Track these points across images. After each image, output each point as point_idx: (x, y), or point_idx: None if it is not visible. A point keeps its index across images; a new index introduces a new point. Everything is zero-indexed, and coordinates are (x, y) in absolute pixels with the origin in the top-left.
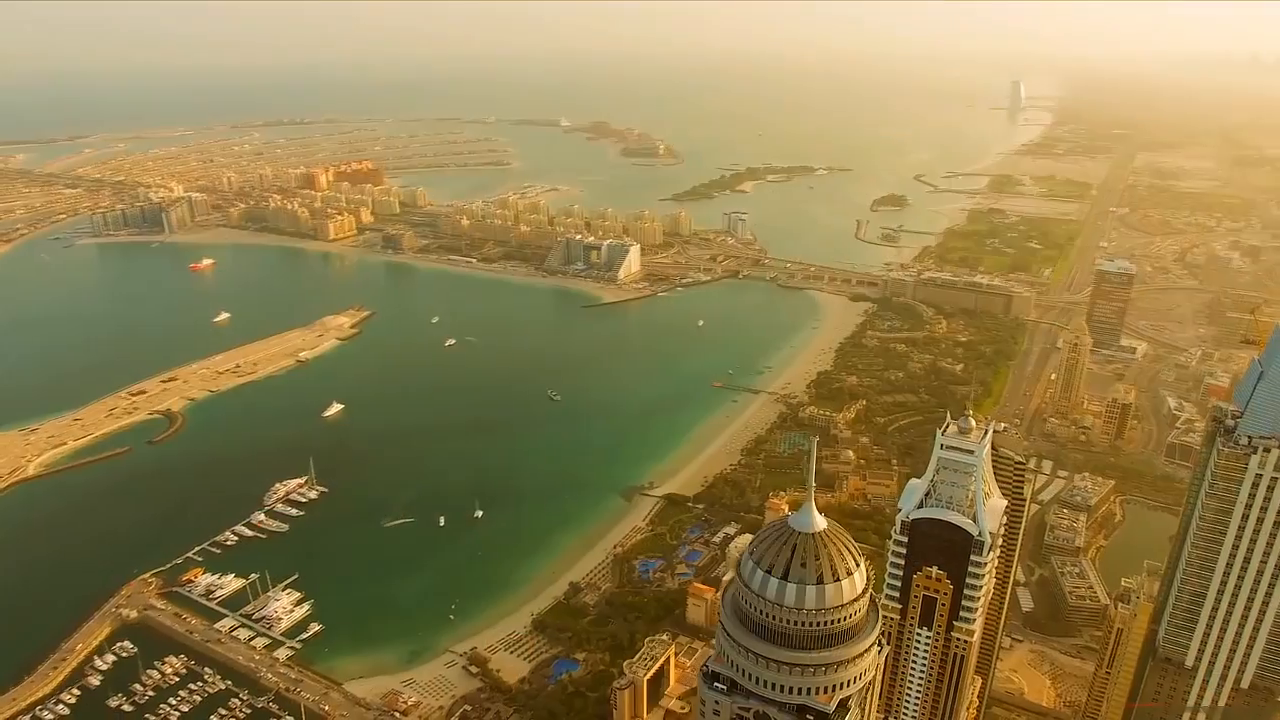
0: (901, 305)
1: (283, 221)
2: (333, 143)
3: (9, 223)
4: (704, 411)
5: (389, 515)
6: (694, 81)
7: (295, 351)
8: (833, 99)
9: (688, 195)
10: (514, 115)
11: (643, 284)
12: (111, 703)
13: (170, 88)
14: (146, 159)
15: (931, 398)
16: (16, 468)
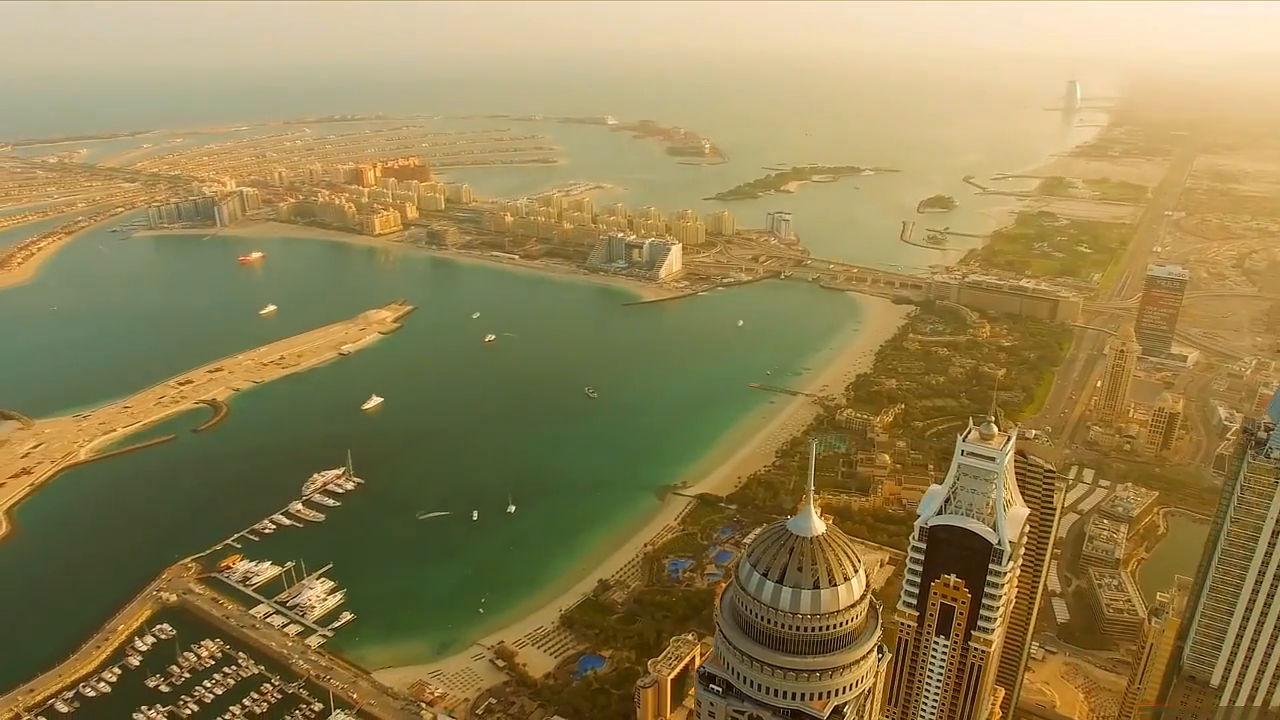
0: (945, 308)
1: (330, 216)
2: (382, 139)
3: (71, 215)
4: (740, 412)
5: (423, 508)
6: (743, 81)
7: (338, 345)
8: (883, 100)
9: (732, 195)
10: (561, 113)
11: (683, 283)
12: (150, 683)
13: (227, 86)
14: (202, 154)
15: (972, 403)
16: (69, 452)
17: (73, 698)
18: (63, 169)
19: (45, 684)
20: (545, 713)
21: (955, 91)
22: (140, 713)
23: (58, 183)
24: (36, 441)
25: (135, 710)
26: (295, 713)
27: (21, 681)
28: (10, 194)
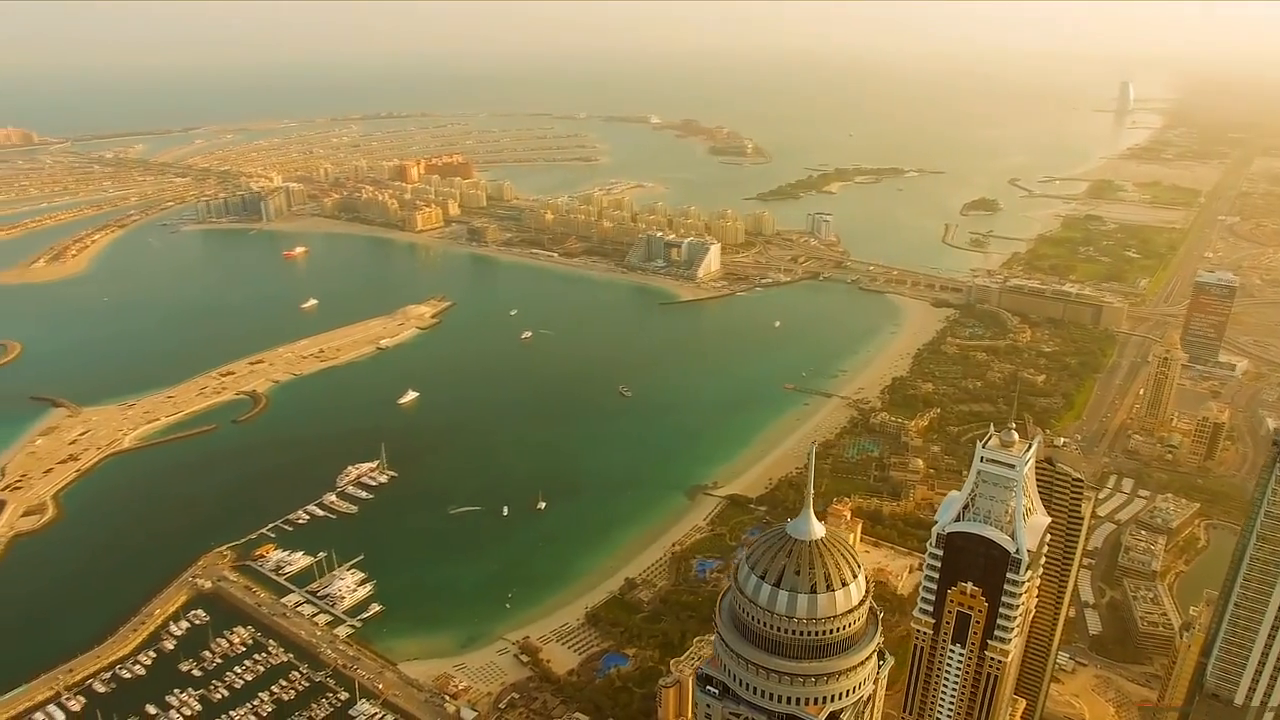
0: (985, 312)
1: (373, 212)
2: (426, 136)
3: (124, 209)
4: (774, 413)
5: (455, 502)
6: (789, 81)
7: (376, 339)
8: (929, 101)
9: (773, 195)
10: (605, 112)
11: (721, 283)
12: (183, 667)
13: (278, 84)
14: (251, 149)
15: (1009, 409)
16: (114, 440)
17: (110, 678)
18: (118, 164)
19: (84, 664)
20: (567, 709)
21: (1003, 92)
22: (173, 695)
23: (113, 177)
24: (84, 429)
25: (168, 693)
26: (322, 701)
27: (62, 661)
28: (68, 188)
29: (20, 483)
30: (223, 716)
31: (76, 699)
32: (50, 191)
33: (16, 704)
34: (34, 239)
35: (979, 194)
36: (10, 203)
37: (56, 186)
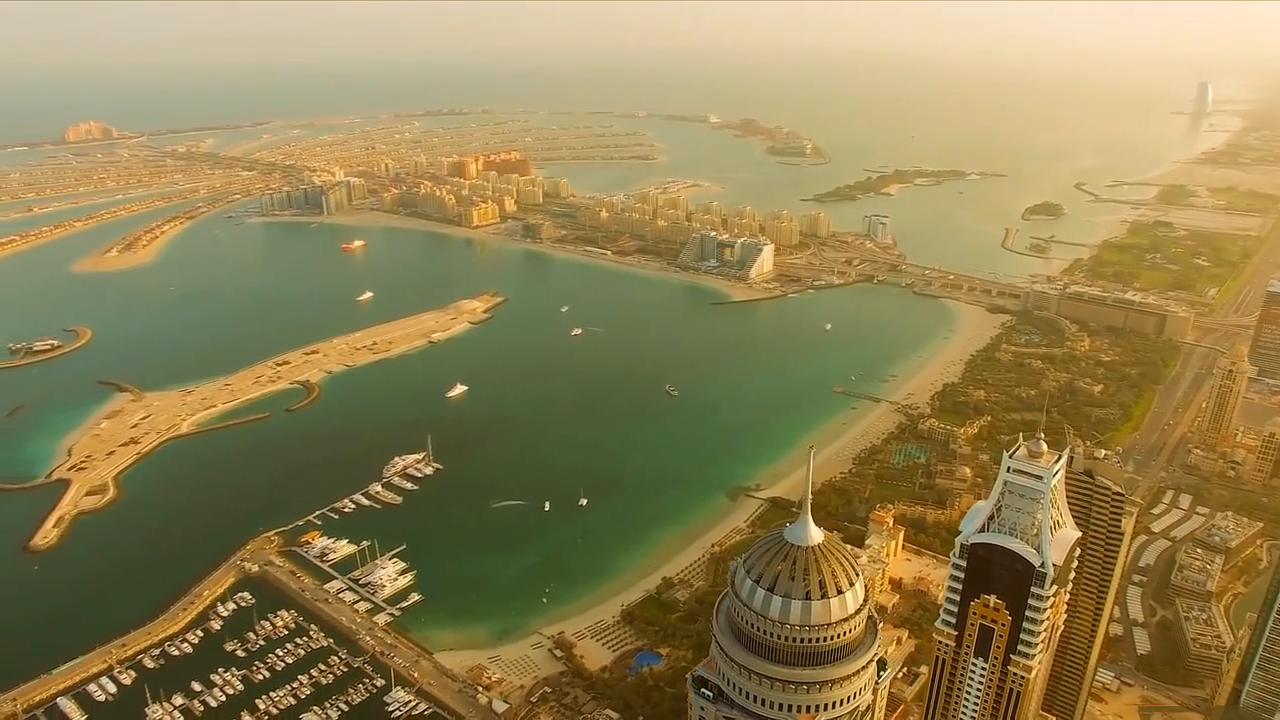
0: (1043, 319)
1: (431, 207)
2: (486, 133)
3: (193, 201)
4: (821, 416)
5: (498, 496)
6: (851, 81)
7: (429, 332)
8: (995, 102)
9: (830, 196)
10: (664, 110)
11: (774, 284)
12: (228, 647)
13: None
14: (315, 144)
15: (1064, 419)
16: (173, 425)
17: (159, 654)
18: (189, 158)
19: (136, 640)
20: (598, 705)
21: (1075, 94)
22: (217, 674)
23: (184, 170)
24: (145, 413)
25: (212, 671)
26: (358, 686)
27: (116, 636)
28: (142, 180)
29: (85, 463)
30: (263, 697)
31: (127, 673)
32: (125, 184)
33: (73, 674)
34: (108, 229)
35: (1042, 198)
36: (89, 194)
37: (131, 179)
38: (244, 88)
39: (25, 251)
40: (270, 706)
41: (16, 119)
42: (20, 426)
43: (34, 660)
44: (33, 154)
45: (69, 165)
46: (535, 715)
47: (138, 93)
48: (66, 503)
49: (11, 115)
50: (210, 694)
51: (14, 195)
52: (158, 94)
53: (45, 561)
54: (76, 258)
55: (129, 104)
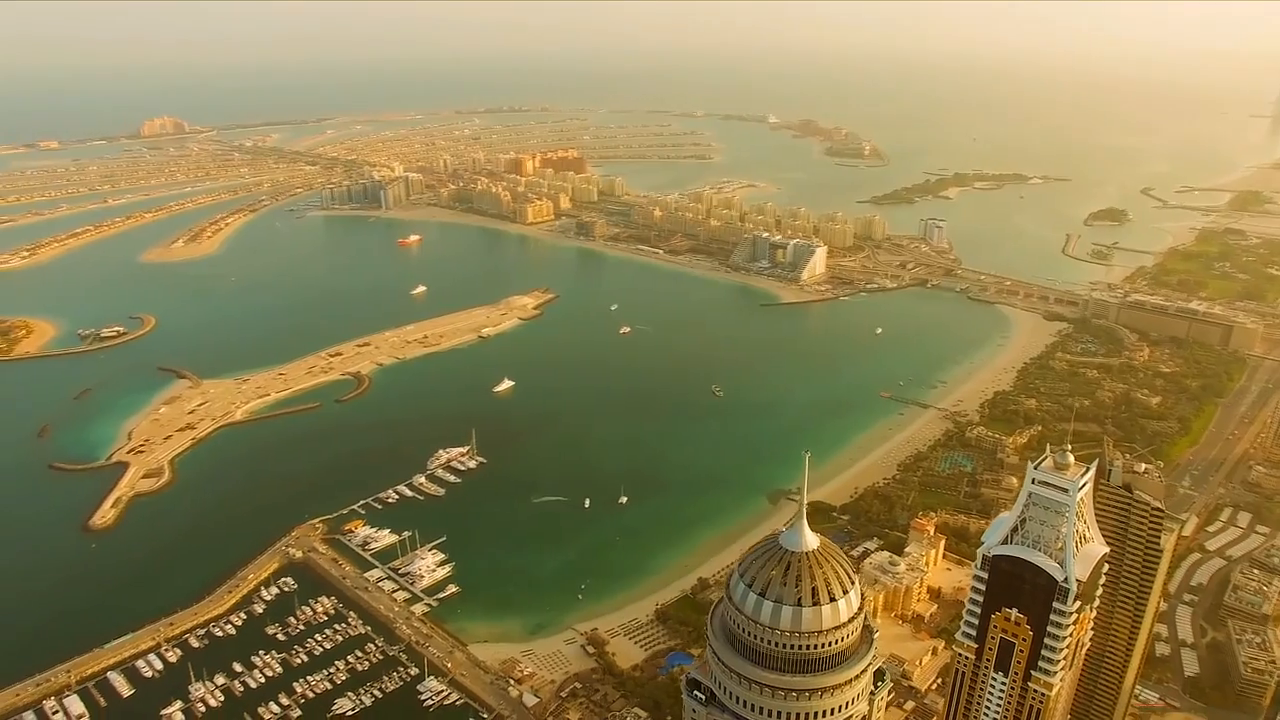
0: (1101, 328)
1: (486, 203)
2: (545, 130)
3: (256, 194)
4: (867, 421)
5: (539, 491)
6: (914, 82)
7: (479, 327)
8: (1061, 105)
9: (887, 199)
10: (723, 110)
11: (825, 286)
12: (269, 630)
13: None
14: (377, 140)
15: (1118, 430)
16: (227, 412)
17: (204, 635)
18: (255, 152)
19: (183, 620)
20: (627, 704)
21: (1147, 96)
22: (258, 656)
23: (250, 164)
24: (202, 400)
25: (254, 653)
26: (393, 674)
27: (164, 615)
28: (210, 173)
29: (143, 447)
30: (300, 680)
31: (173, 650)
32: (194, 177)
33: (123, 649)
34: (176, 221)
35: (1107, 204)
36: (160, 187)
37: (200, 172)
38: (311, 84)
39: (98, 241)
40: (307, 690)
41: (97, 115)
42: (85, 410)
43: (88, 634)
44: (110, 148)
45: (143, 159)
46: (565, 710)
47: (210, 89)
48: (124, 484)
49: (93, 111)
50: (250, 675)
51: (91, 187)
52: (229, 91)
53: (102, 540)
54: (145, 248)
55: (202, 100)
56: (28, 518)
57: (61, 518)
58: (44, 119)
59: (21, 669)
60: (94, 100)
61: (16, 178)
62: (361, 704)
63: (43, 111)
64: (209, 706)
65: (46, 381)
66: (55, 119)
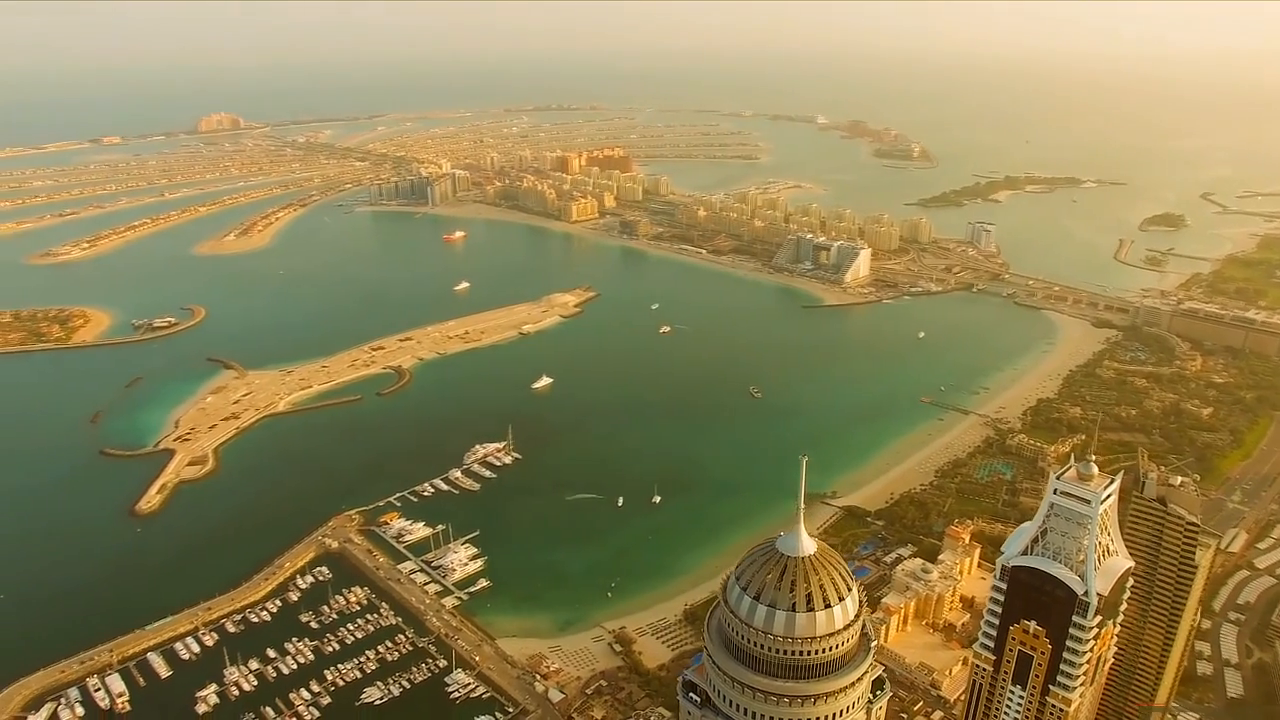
0: (1151, 336)
1: (531, 201)
2: (592, 128)
3: (307, 189)
4: (906, 426)
5: (574, 489)
6: (968, 85)
7: (520, 324)
8: (1120, 107)
9: (934, 201)
10: (771, 110)
11: (868, 289)
12: (303, 618)
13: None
14: (426, 137)
15: (1165, 441)
16: (271, 403)
17: (240, 620)
18: (307, 148)
19: (220, 605)
20: (651, 703)
21: (1210, 98)
22: (291, 643)
23: (301, 160)
24: (247, 390)
25: (287, 640)
26: (422, 666)
27: (203, 600)
28: (263, 168)
29: (190, 435)
30: (331, 668)
31: (210, 635)
32: (248, 172)
33: (162, 632)
34: (229, 214)
35: (1163, 209)
36: (214, 181)
37: (253, 167)
38: (365, 82)
39: (154, 234)
40: (337, 678)
41: (158, 111)
42: (136, 397)
43: (130, 616)
44: (169, 143)
45: (199, 154)
46: (589, 707)
47: (266, 87)
48: (170, 471)
49: (154, 108)
50: (283, 661)
51: (150, 181)
52: (286, 89)
53: (147, 525)
54: (198, 240)
55: (256, 96)
56: (78, 501)
57: (110, 502)
58: (108, 115)
59: (67, 647)
60: (155, 97)
61: (80, 171)
62: (390, 694)
63: (107, 108)
64: (242, 690)
65: (100, 369)
66: (118, 115)
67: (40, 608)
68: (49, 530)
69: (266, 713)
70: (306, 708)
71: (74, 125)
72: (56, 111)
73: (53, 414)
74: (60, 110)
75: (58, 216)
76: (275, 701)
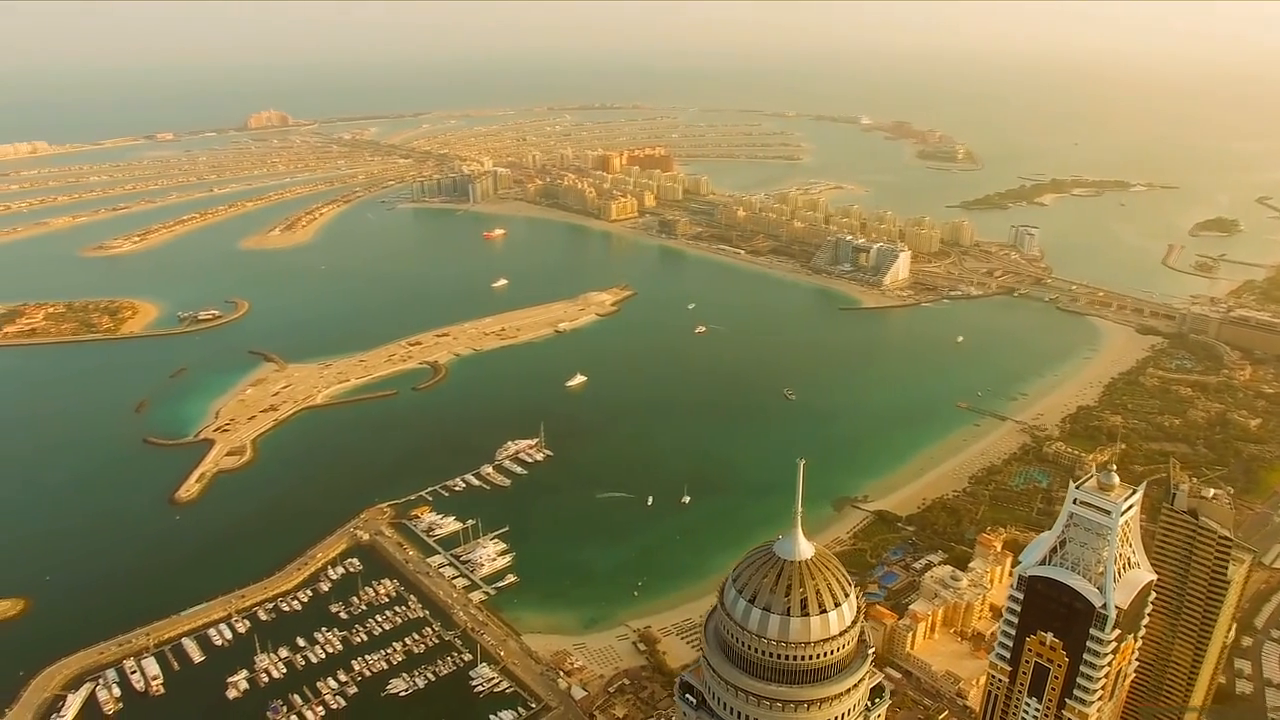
0: (1199, 344)
1: (571, 199)
2: (635, 128)
3: (351, 185)
4: (941, 431)
5: (604, 487)
6: (1017, 86)
7: (556, 321)
8: (1176, 109)
9: (977, 204)
10: (815, 111)
11: (907, 292)
12: (333, 608)
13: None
14: (470, 134)
15: (1210, 453)
16: (309, 396)
17: (272, 609)
18: (353, 145)
19: (253, 593)
20: (672, 702)
21: (1266, 97)
22: (320, 633)
23: (347, 156)
24: (286, 383)
25: (317, 630)
26: (447, 659)
27: (237, 588)
28: (309, 165)
29: (229, 426)
30: (359, 659)
31: (243, 622)
32: (294, 168)
33: (197, 618)
34: (275, 209)
35: (1216, 213)
36: (262, 177)
37: (300, 164)
38: (411, 80)
39: (202, 228)
40: (364, 668)
41: (210, 108)
42: (179, 388)
43: (167, 601)
44: (219, 139)
45: (248, 150)
46: (611, 705)
47: (315, 84)
48: (209, 461)
49: (206, 105)
50: (312, 650)
51: (200, 177)
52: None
53: (186, 513)
54: (244, 235)
55: (304, 94)
56: (122, 488)
57: (151, 489)
58: (162, 112)
59: (106, 629)
60: (208, 94)
61: (135, 167)
62: (415, 686)
63: (161, 105)
64: (272, 677)
65: (147, 359)
66: (172, 112)
67: (82, 590)
68: (93, 515)
69: (294, 700)
70: (333, 696)
71: (131, 122)
72: (116, 109)
73: (100, 402)
74: (119, 108)
75: (111, 211)
76: (303, 689)
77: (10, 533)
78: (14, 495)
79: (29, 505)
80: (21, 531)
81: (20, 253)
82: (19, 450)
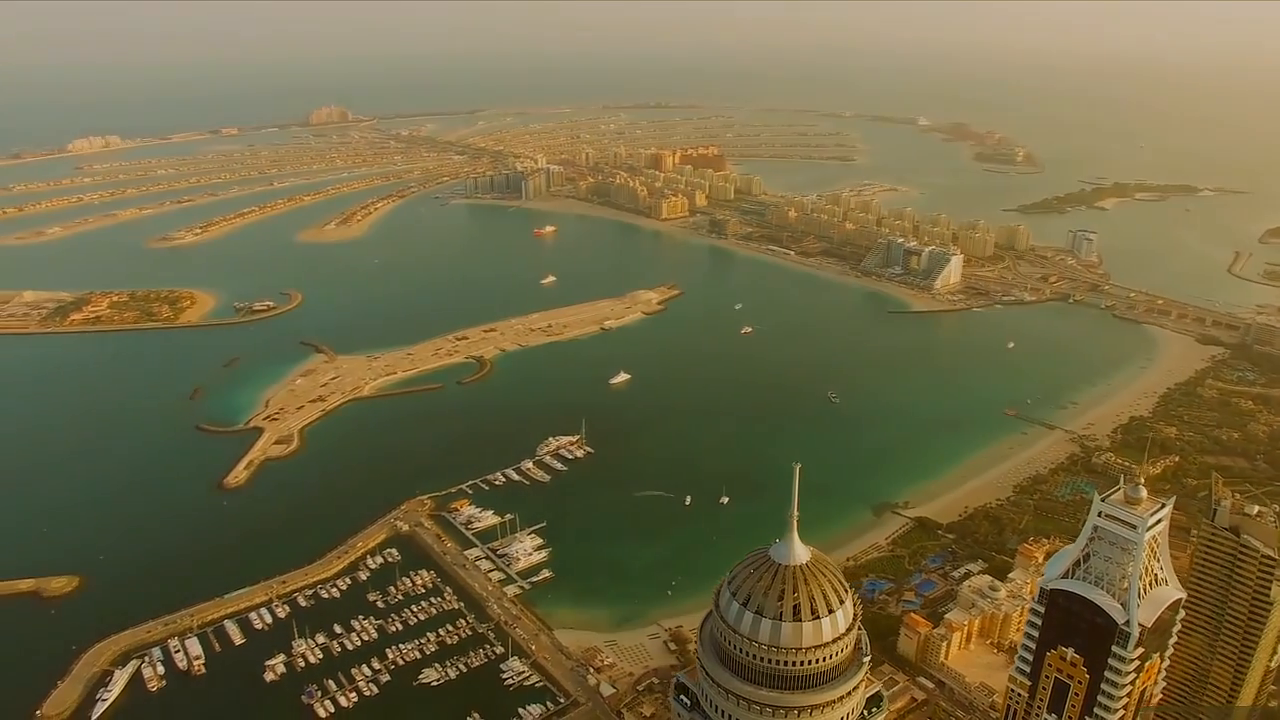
0: (1264, 355)
1: (623, 198)
2: (689, 127)
3: (406, 181)
4: (987, 438)
5: (643, 485)
6: (1082, 88)
7: (602, 319)
8: (1249, 110)
9: (1035, 208)
10: (871, 111)
11: (958, 296)
12: (370, 597)
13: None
14: (524, 132)
15: (1269, 468)
16: (356, 387)
17: (311, 595)
18: (410, 141)
19: (294, 579)
20: None
21: None
22: (357, 620)
23: (403, 152)
24: (335, 374)
25: (353, 617)
26: (479, 651)
27: (278, 574)
28: (366, 160)
29: (278, 415)
30: (393, 647)
31: (283, 607)
32: (352, 163)
33: (240, 601)
34: (332, 204)
35: None
36: (321, 172)
37: (357, 159)
38: (467, 78)
39: (261, 221)
40: (398, 657)
41: (273, 105)
42: (233, 377)
43: (211, 584)
44: (281, 134)
45: (308, 145)
46: (639, 704)
47: (375, 82)
48: (257, 449)
49: (269, 102)
50: (348, 637)
51: (261, 171)
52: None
53: (233, 499)
54: (301, 228)
55: (364, 90)
56: (173, 473)
57: (201, 475)
58: (227, 108)
59: (153, 609)
60: (271, 90)
61: (199, 161)
62: (447, 676)
63: (228, 102)
64: (308, 662)
65: (203, 348)
66: (236, 108)
67: (133, 570)
68: (146, 499)
69: (329, 685)
70: (366, 684)
71: (199, 117)
72: (185, 105)
73: (157, 389)
74: (188, 104)
75: (176, 203)
76: (338, 675)
77: (69, 513)
78: (73, 477)
79: (87, 487)
80: (79, 512)
81: (91, 242)
82: (80, 433)
